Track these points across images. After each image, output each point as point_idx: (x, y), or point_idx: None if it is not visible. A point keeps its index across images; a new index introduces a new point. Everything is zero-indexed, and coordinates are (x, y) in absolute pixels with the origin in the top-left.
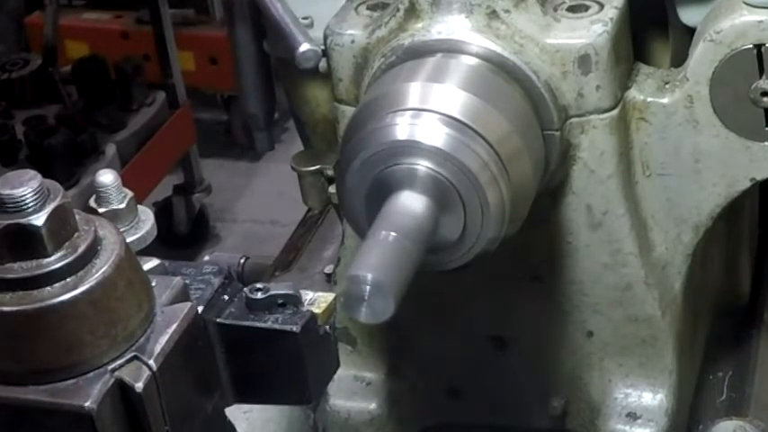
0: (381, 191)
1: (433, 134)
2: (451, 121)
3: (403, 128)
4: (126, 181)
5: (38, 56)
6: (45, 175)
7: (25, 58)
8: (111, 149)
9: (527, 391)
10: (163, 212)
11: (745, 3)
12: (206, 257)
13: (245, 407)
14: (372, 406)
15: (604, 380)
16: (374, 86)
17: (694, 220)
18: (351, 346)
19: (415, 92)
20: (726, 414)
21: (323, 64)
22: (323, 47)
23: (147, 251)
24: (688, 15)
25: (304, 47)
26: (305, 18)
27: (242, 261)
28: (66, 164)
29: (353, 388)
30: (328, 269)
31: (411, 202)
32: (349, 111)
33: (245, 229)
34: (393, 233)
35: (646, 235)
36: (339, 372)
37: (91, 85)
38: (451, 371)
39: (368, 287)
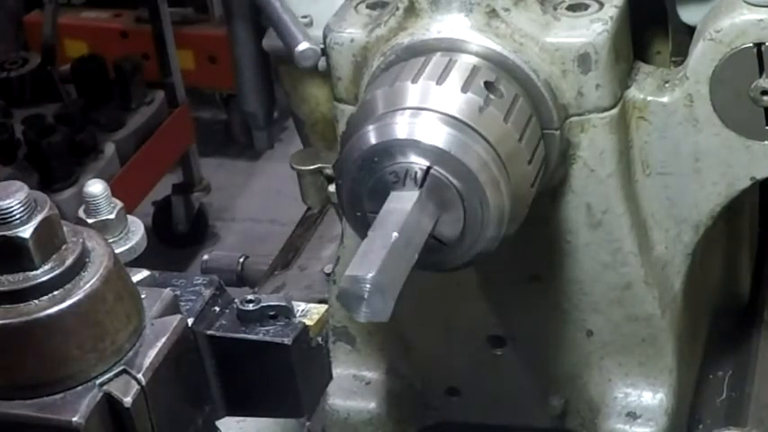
0: (380, 190)
1: (433, 133)
2: (451, 120)
3: (402, 127)
4: (125, 180)
5: (37, 55)
6: (44, 175)
7: (24, 56)
8: (110, 148)
9: (526, 390)
10: (162, 211)
11: (746, 1)
12: (205, 256)
13: None
14: (371, 405)
15: (604, 379)
16: (374, 85)
17: (694, 220)
18: (350, 346)
19: (414, 91)
20: (726, 414)
21: (322, 63)
22: (322, 46)
23: (146, 251)
24: (688, 14)
25: (303, 45)
26: (304, 17)
27: (241, 260)
28: (64, 163)
29: (353, 387)
30: (328, 268)
31: (410, 202)
32: (348, 110)
33: (245, 228)
34: (392, 233)
35: (646, 234)
36: (338, 371)
37: (90, 84)
38: (451, 370)
39: (367, 286)
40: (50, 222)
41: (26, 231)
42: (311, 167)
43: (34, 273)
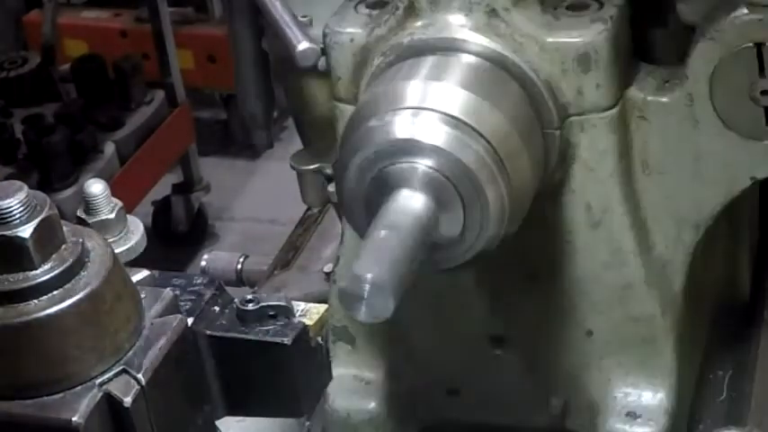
0: (381, 189)
1: (433, 133)
2: (451, 119)
3: (402, 126)
4: (124, 180)
5: (36, 54)
6: (43, 174)
7: (24, 56)
8: (109, 148)
9: (526, 390)
10: (162, 211)
11: (746, 1)
12: (205, 256)
13: None
14: (371, 405)
15: (604, 379)
16: (373, 85)
17: (694, 219)
18: (350, 345)
19: (414, 90)
20: (726, 414)
21: (322, 62)
22: (322, 45)
23: (145, 251)
24: (688, 13)
25: (303, 45)
26: (304, 16)
27: (241, 260)
28: (64, 162)
29: (353, 387)
30: (327, 268)
31: (410, 201)
32: (348, 109)
33: (244, 227)
34: (393, 232)
35: (646, 234)
36: (338, 371)
37: (90, 84)
38: (451, 370)
39: (367, 286)
40: (50, 222)
41: (26, 231)
42: (311, 167)
43: (34, 272)
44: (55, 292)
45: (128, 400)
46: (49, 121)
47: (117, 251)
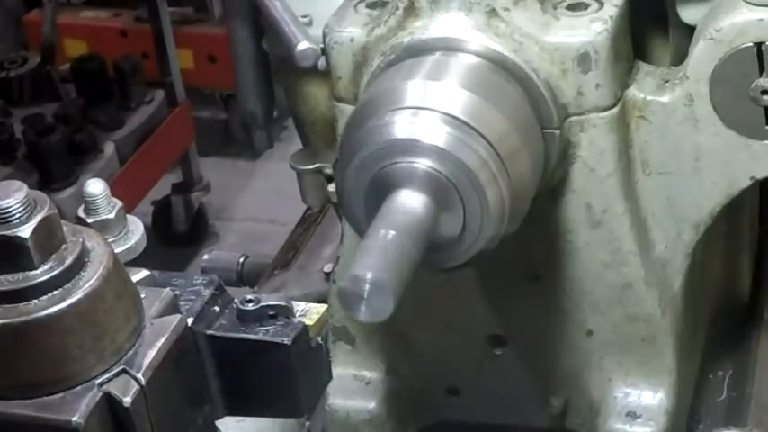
0: (380, 189)
1: (433, 132)
2: (451, 119)
3: (402, 126)
4: (124, 180)
5: (36, 54)
6: (43, 174)
7: (23, 56)
8: (109, 148)
9: (526, 389)
10: (161, 211)
11: (746, 1)
12: (205, 256)
13: None
14: (371, 405)
15: (604, 379)
16: (373, 85)
17: (694, 219)
18: (350, 345)
19: (414, 90)
20: (726, 414)
21: (322, 62)
22: (322, 45)
23: (145, 250)
24: (688, 13)
25: (303, 45)
26: (304, 16)
27: (241, 260)
28: (64, 162)
29: (352, 387)
30: (327, 268)
31: (410, 201)
32: (348, 109)
33: (244, 227)
34: (392, 232)
35: (645, 234)
36: (338, 371)
37: (89, 84)
38: (451, 370)
39: (367, 286)
40: (50, 222)
41: (26, 231)
42: (311, 167)
43: (34, 272)
44: (55, 292)
45: (127, 400)
46: (49, 120)
47: (117, 251)
